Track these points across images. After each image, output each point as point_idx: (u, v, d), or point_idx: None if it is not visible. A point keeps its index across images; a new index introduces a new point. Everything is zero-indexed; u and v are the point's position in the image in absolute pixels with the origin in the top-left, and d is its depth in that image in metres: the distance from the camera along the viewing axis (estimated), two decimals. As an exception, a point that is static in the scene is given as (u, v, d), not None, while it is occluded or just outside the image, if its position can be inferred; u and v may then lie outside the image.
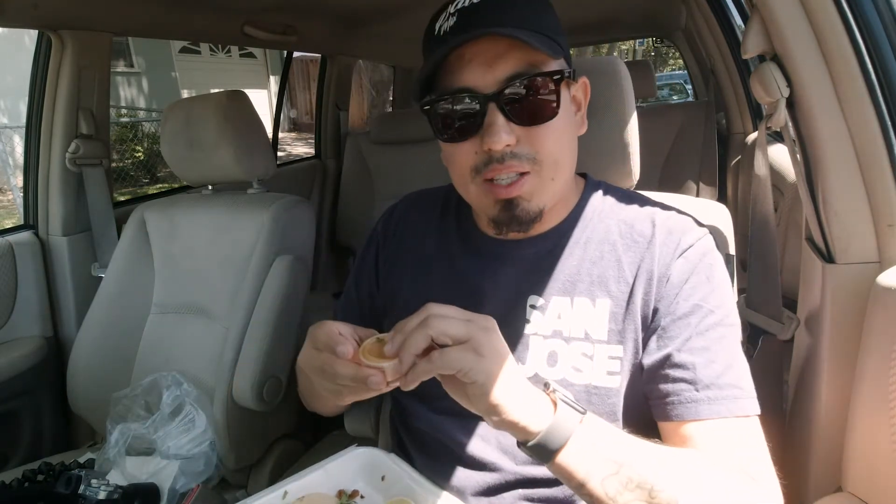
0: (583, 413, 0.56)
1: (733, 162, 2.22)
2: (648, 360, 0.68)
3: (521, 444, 0.56)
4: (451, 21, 0.65)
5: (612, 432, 0.59)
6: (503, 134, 0.63)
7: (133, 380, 1.42)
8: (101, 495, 1.03)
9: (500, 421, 0.54)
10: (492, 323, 0.55)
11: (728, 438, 0.63)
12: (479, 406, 0.54)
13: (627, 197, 0.78)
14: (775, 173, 1.33)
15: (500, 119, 0.63)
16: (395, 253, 0.88)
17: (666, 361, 0.66)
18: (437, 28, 0.67)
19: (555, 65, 0.65)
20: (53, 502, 1.04)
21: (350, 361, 0.56)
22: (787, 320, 0.88)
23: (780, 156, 1.39)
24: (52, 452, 1.45)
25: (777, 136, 1.54)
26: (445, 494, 0.72)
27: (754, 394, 0.65)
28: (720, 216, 0.93)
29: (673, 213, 0.74)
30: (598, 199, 0.77)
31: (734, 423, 0.63)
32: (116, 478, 1.13)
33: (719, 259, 0.71)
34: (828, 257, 0.77)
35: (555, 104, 0.65)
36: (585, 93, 0.74)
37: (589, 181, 0.80)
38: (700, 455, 0.62)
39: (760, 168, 0.95)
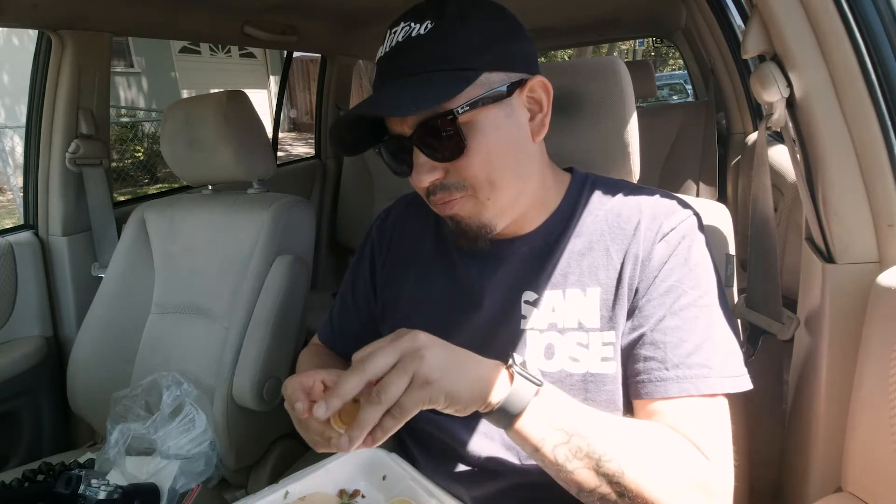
0: (539, 385, 0.59)
1: (733, 162, 2.22)
2: (625, 340, 0.70)
3: (482, 413, 0.59)
4: (383, 50, 0.68)
5: (567, 404, 0.61)
6: (424, 174, 0.68)
7: (133, 380, 1.42)
8: (101, 495, 1.02)
9: (465, 410, 0.57)
10: (419, 341, 0.55)
11: (692, 416, 0.65)
12: (447, 410, 0.56)
13: (614, 187, 0.79)
14: (775, 173, 1.34)
15: (420, 159, 0.68)
16: (393, 257, 0.88)
17: (639, 340, 0.68)
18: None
19: (463, 97, 0.64)
20: (53, 502, 1.04)
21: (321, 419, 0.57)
22: (787, 320, 0.88)
23: (780, 156, 1.39)
24: (52, 452, 1.45)
25: (777, 136, 1.55)
26: (446, 495, 0.72)
27: (727, 372, 0.66)
28: (720, 216, 0.93)
29: (658, 197, 0.75)
30: (585, 193, 0.78)
31: (700, 402, 0.65)
32: (116, 478, 1.13)
33: (699, 240, 0.72)
34: (828, 257, 0.77)
35: (461, 140, 0.65)
36: (547, 91, 0.71)
37: (575, 175, 0.81)
38: (658, 429, 0.64)
39: (760, 168, 0.95)
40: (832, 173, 0.74)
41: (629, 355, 0.70)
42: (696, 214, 0.75)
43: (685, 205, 0.75)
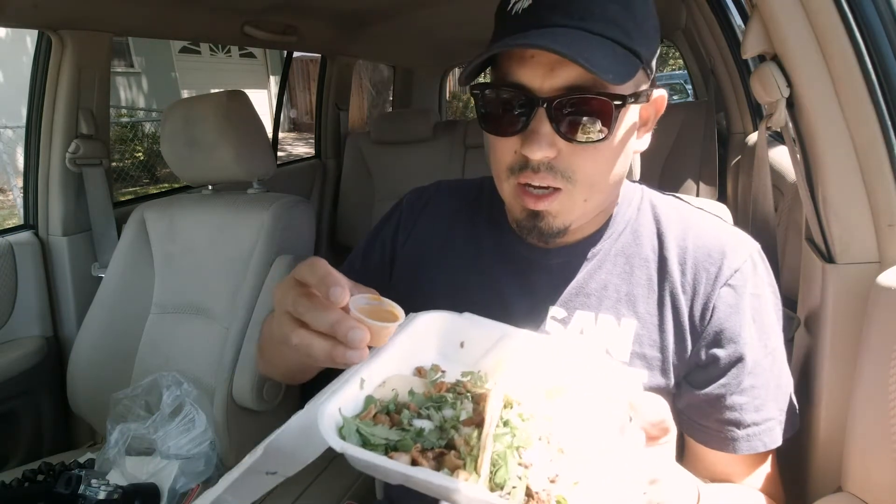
0: None
1: (733, 162, 2.22)
2: (696, 393, 0.67)
3: None
4: (526, 2, 0.58)
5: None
6: (544, 144, 0.58)
7: (133, 380, 1.42)
8: (101, 495, 1.03)
9: None
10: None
11: (757, 468, 0.68)
12: None
13: (666, 206, 0.74)
14: (775, 173, 1.33)
15: (545, 128, 0.58)
16: (419, 237, 0.83)
17: (718, 400, 0.66)
18: (512, 3, 0.60)
19: (625, 86, 0.58)
20: (53, 502, 1.04)
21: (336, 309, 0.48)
22: (788, 320, 0.88)
23: (780, 156, 1.39)
24: (52, 452, 1.45)
25: (777, 136, 1.54)
26: (549, 338, 0.61)
27: (788, 415, 0.67)
28: (720, 216, 0.93)
29: (714, 229, 0.70)
30: (634, 209, 0.74)
31: (763, 456, 0.68)
32: (116, 478, 1.13)
33: (763, 278, 0.68)
34: (828, 257, 0.77)
35: (607, 129, 0.58)
36: (658, 108, 0.68)
37: (629, 187, 0.76)
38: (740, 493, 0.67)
39: (760, 168, 0.95)
40: (832, 173, 0.73)
41: (698, 404, 0.68)
42: (757, 246, 0.70)
43: (745, 237, 0.71)
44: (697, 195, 2.43)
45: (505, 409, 0.50)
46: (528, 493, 0.42)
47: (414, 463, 0.44)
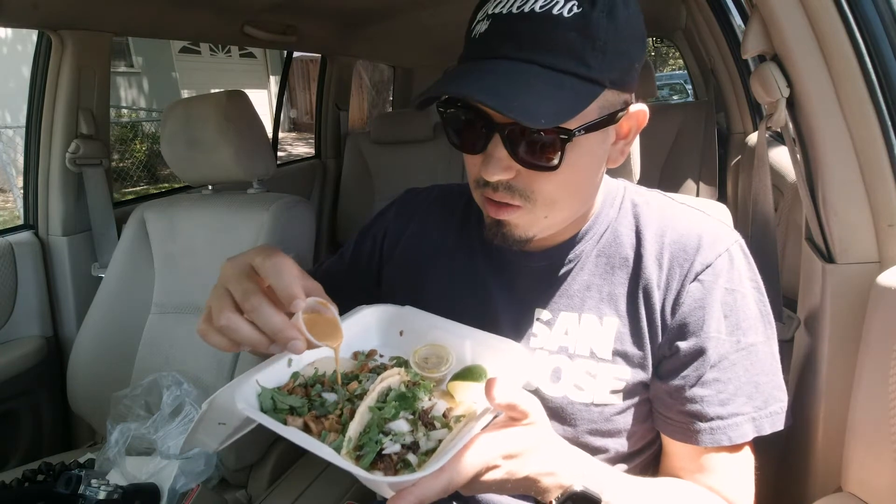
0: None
1: (733, 162, 2.22)
2: (660, 385, 0.68)
3: None
4: (484, 26, 0.59)
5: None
6: (499, 168, 0.60)
7: (133, 380, 1.42)
8: (101, 495, 1.02)
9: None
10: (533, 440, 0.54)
11: (718, 466, 0.66)
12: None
13: (646, 204, 0.74)
14: (775, 173, 1.33)
15: (500, 152, 0.60)
16: (412, 238, 0.84)
17: (678, 392, 0.66)
18: (473, 25, 0.61)
19: (581, 116, 0.58)
20: (53, 502, 1.04)
21: (282, 312, 0.51)
22: (788, 320, 0.88)
23: (780, 156, 1.39)
24: (52, 452, 1.45)
25: (777, 136, 1.54)
26: (482, 333, 0.66)
27: (763, 414, 0.66)
28: (720, 216, 0.93)
29: (692, 224, 0.70)
30: (615, 209, 0.74)
31: (728, 450, 0.66)
32: (116, 478, 1.13)
33: (738, 275, 0.67)
34: (828, 257, 0.77)
35: (559, 158, 0.59)
36: (639, 122, 0.67)
37: (610, 185, 0.76)
38: (688, 492, 0.66)
39: (760, 168, 0.95)
40: (832, 173, 0.74)
41: (662, 398, 0.68)
42: (738, 241, 0.69)
43: (724, 231, 0.70)
44: (697, 195, 2.43)
45: (400, 386, 0.59)
46: (381, 457, 0.51)
47: (306, 426, 0.55)
